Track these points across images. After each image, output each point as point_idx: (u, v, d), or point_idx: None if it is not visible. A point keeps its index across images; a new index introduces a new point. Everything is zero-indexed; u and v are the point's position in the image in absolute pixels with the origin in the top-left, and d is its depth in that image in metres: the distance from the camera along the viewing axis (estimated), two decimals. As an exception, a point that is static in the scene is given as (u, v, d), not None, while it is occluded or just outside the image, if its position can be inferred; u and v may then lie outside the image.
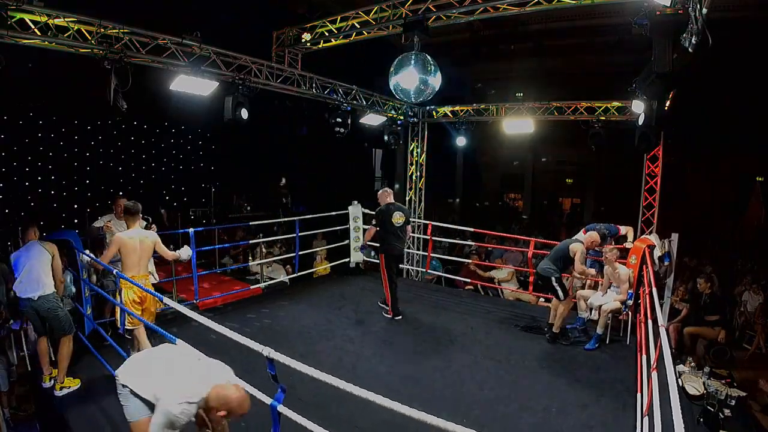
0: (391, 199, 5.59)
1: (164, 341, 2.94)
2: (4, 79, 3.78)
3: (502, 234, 9.10)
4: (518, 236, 9.29)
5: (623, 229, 5.65)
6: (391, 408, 1.79)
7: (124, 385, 2.26)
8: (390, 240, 5.44)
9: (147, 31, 4.70)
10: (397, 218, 5.46)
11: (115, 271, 3.76)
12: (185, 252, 4.10)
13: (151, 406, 2.17)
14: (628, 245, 5.46)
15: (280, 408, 2.31)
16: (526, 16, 5.26)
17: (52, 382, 3.70)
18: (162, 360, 2.37)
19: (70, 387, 3.67)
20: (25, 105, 8.63)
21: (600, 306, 4.99)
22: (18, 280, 3.69)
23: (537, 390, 3.89)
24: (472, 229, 7.80)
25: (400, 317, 5.54)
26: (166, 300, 3.30)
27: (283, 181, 13.67)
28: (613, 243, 5.56)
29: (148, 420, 2.15)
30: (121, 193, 8.80)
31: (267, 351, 2.23)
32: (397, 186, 15.26)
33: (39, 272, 3.65)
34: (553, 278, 4.86)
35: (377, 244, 5.65)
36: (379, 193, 5.66)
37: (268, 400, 2.39)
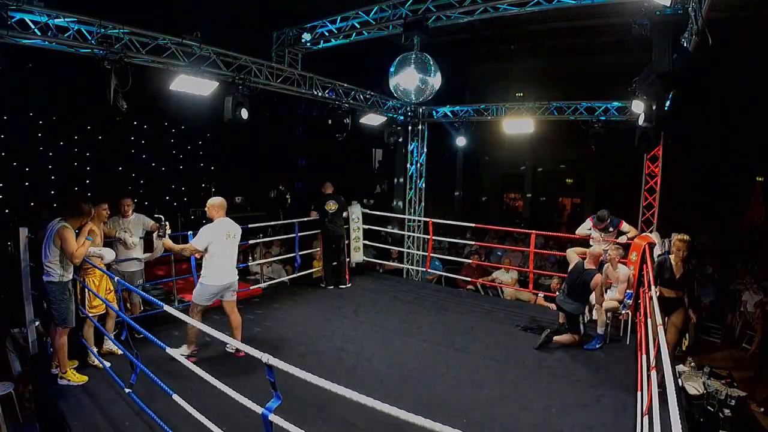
0: (330, 191, 6.73)
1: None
2: (4, 79, 3.79)
3: (503, 228, 9.07)
4: (519, 230, 9.27)
5: (626, 225, 5.63)
6: (389, 413, 1.78)
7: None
8: (324, 224, 6.65)
9: (147, 31, 4.69)
10: (330, 206, 6.60)
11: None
12: (107, 254, 4.11)
13: None
14: (622, 239, 5.45)
15: (272, 417, 2.22)
16: (526, 16, 5.26)
17: (57, 370, 3.80)
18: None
19: (69, 381, 3.72)
20: (25, 105, 8.62)
21: (596, 304, 4.99)
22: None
23: (537, 390, 3.89)
24: (473, 225, 7.78)
25: (332, 287, 6.74)
26: (166, 308, 3.30)
27: (282, 188, 13.71)
28: (616, 234, 5.57)
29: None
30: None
31: (266, 357, 2.18)
32: (402, 180, 15.25)
33: (44, 255, 3.74)
34: (581, 316, 4.80)
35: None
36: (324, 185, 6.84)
37: (260, 410, 2.28)
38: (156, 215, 4.79)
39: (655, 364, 2.84)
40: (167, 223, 4.54)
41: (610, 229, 5.56)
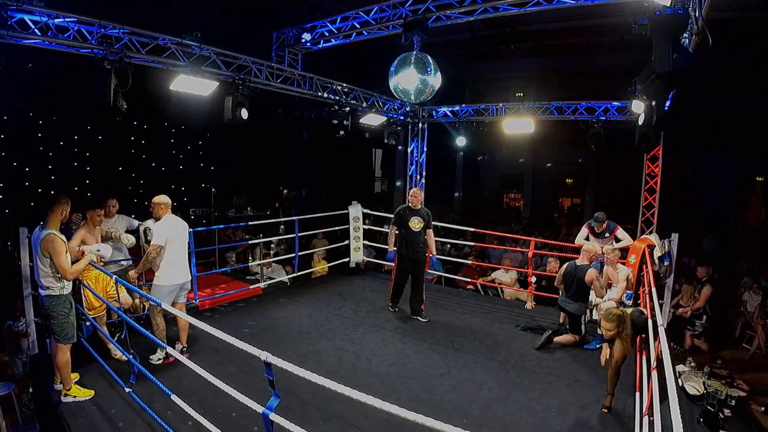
0: (418, 204, 5.47)
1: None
2: (4, 79, 3.77)
3: (502, 234, 9.11)
4: (518, 236, 9.29)
5: (621, 232, 5.61)
6: (390, 411, 1.78)
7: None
8: (402, 245, 5.50)
9: (147, 31, 4.70)
10: (415, 223, 5.39)
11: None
12: (104, 250, 3.89)
13: None
14: (617, 244, 5.44)
15: (273, 416, 2.21)
16: (526, 16, 5.26)
17: (61, 385, 3.57)
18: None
19: (75, 396, 3.50)
20: (25, 105, 8.62)
21: (597, 305, 5.00)
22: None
23: (537, 390, 3.89)
24: (472, 229, 7.81)
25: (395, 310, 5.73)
26: (164, 306, 3.30)
27: (285, 192, 13.82)
28: (613, 242, 5.56)
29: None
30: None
31: (264, 355, 2.18)
32: (398, 183, 15.30)
33: (37, 272, 3.45)
34: (583, 316, 4.81)
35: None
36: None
37: (260, 409, 2.27)
38: (139, 223, 4.80)
39: (656, 365, 2.84)
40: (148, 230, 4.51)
41: (606, 235, 5.55)
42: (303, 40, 6.28)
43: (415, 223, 5.37)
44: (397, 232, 5.52)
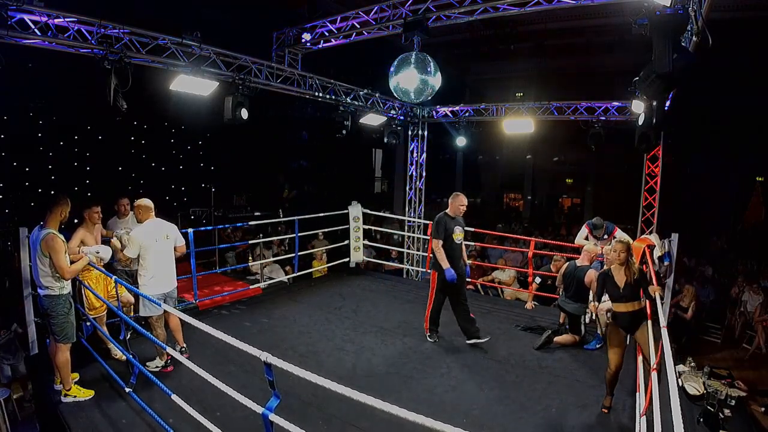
0: (460, 211, 4.71)
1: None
2: (4, 79, 3.77)
3: (502, 234, 9.11)
4: (518, 236, 9.30)
5: (620, 233, 5.61)
6: (390, 411, 1.78)
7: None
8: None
9: (147, 31, 4.70)
10: (458, 234, 4.68)
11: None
12: (104, 251, 3.85)
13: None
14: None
15: (273, 417, 2.21)
16: (526, 16, 5.26)
17: (61, 385, 3.56)
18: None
19: (76, 396, 3.49)
20: (25, 105, 8.63)
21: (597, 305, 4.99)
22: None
23: (537, 390, 3.89)
24: (472, 229, 7.81)
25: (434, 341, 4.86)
26: (164, 306, 3.29)
27: (286, 192, 13.81)
28: (612, 242, 5.56)
29: None
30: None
31: (264, 356, 2.17)
32: (401, 181, 15.27)
33: (35, 272, 3.45)
34: (582, 317, 4.81)
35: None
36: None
37: (260, 409, 2.27)
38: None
39: (656, 365, 2.84)
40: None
41: (605, 237, 5.56)
42: (303, 40, 6.28)
43: (458, 234, 4.66)
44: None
